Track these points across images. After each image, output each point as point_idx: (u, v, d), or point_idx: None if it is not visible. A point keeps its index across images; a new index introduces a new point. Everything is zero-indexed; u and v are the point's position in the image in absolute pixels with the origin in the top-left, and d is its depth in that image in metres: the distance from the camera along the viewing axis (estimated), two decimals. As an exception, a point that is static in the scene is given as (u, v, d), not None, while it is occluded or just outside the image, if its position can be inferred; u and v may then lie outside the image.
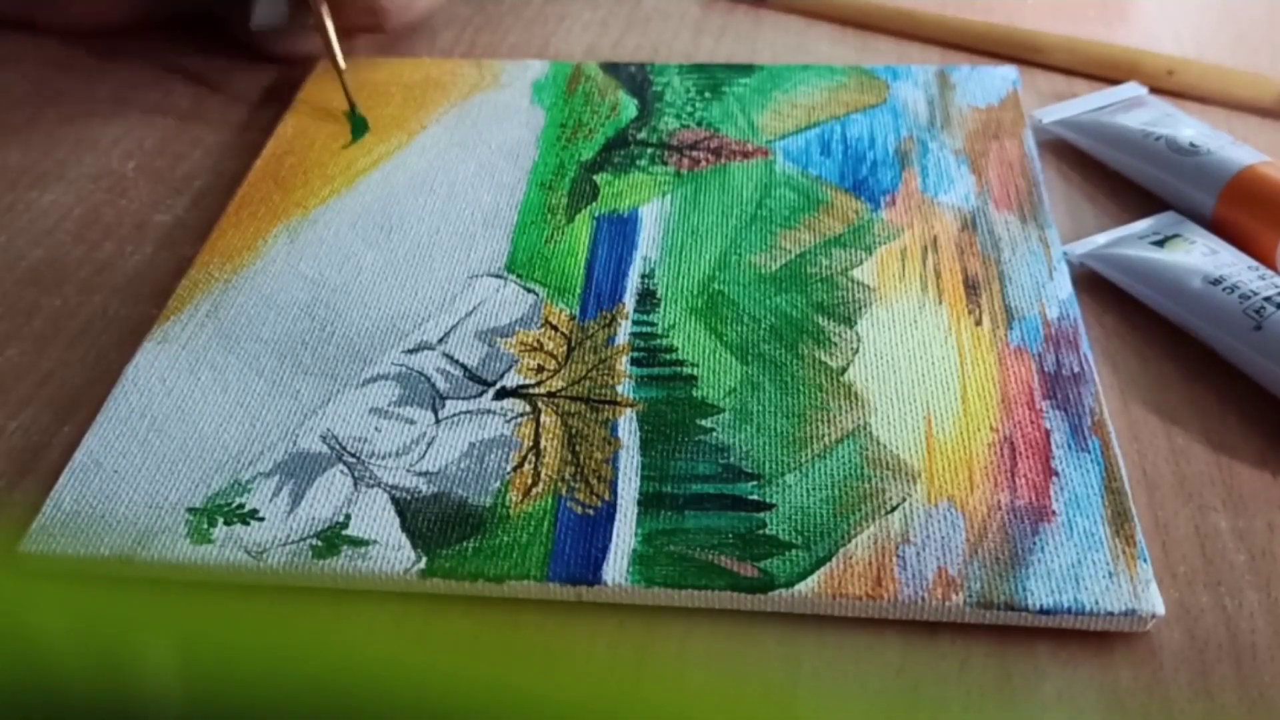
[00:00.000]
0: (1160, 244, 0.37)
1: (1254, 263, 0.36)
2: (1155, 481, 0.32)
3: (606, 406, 0.33)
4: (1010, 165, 0.42)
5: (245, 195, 0.42)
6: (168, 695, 0.19)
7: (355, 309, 0.37)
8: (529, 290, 0.37)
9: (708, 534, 0.30)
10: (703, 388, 0.34)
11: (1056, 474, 0.31)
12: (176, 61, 0.51)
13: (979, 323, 0.35)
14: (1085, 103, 0.45)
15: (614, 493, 0.31)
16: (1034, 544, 0.29)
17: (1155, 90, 0.46)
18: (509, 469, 0.31)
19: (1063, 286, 0.36)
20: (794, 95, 0.46)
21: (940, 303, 0.36)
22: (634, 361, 0.35)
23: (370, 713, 0.18)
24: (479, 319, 0.36)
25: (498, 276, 0.38)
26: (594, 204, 0.41)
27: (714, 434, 0.32)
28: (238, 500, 0.31)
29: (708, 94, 0.46)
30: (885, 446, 0.32)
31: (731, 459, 0.32)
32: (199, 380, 0.34)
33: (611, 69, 0.48)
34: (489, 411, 0.33)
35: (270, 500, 0.31)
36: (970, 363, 0.34)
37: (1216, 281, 0.35)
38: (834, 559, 0.29)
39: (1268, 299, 0.34)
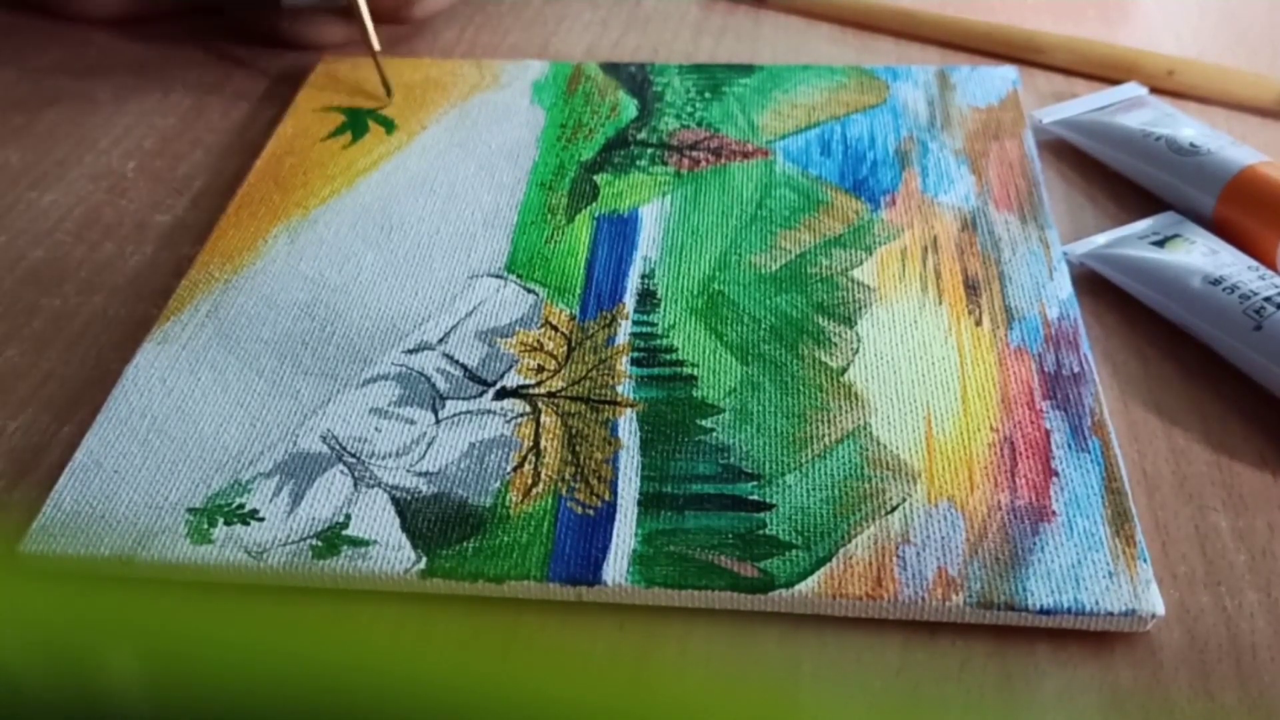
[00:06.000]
0: (1160, 244, 0.37)
1: (1254, 263, 0.36)
2: (1155, 481, 0.32)
3: (606, 406, 0.33)
4: (1010, 165, 0.42)
5: (245, 195, 0.42)
6: (167, 695, 0.19)
7: (355, 309, 0.37)
8: (529, 290, 0.37)
9: (708, 534, 0.30)
10: (703, 388, 0.34)
11: (1056, 474, 0.31)
12: (177, 61, 0.51)
13: (979, 323, 0.35)
14: (1085, 103, 0.45)
15: (614, 493, 0.31)
16: (1034, 544, 0.29)
17: (1155, 90, 0.46)
18: (509, 469, 0.32)
19: (1063, 286, 0.37)
20: (794, 95, 0.46)
21: (940, 303, 0.36)
22: (634, 361, 0.35)
23: (370, 713, 0.18)
24: (479, 319, 0.36)
25: (498, 276, 0.38)
26: (594, 204, 0.41)
27: (714, 434, 0.32)
28: (238, 500, 0.31)
29: (708, 94, 0.46)
30: (885, 446, 0.32)
31: (731, 459, 0.32)
32: (199, 380, 0.34)
33: (611, 69, 0.48)
34: (489, 411, 0.33)
35: (270, 500, 0.31)
36: (970, 363, 0.34)
37: (1216, 281, 0.35)
38: (834, 559, 0.29)
39: (1268, 299, 0.34)
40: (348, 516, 0.30)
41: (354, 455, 0.32)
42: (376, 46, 0.47)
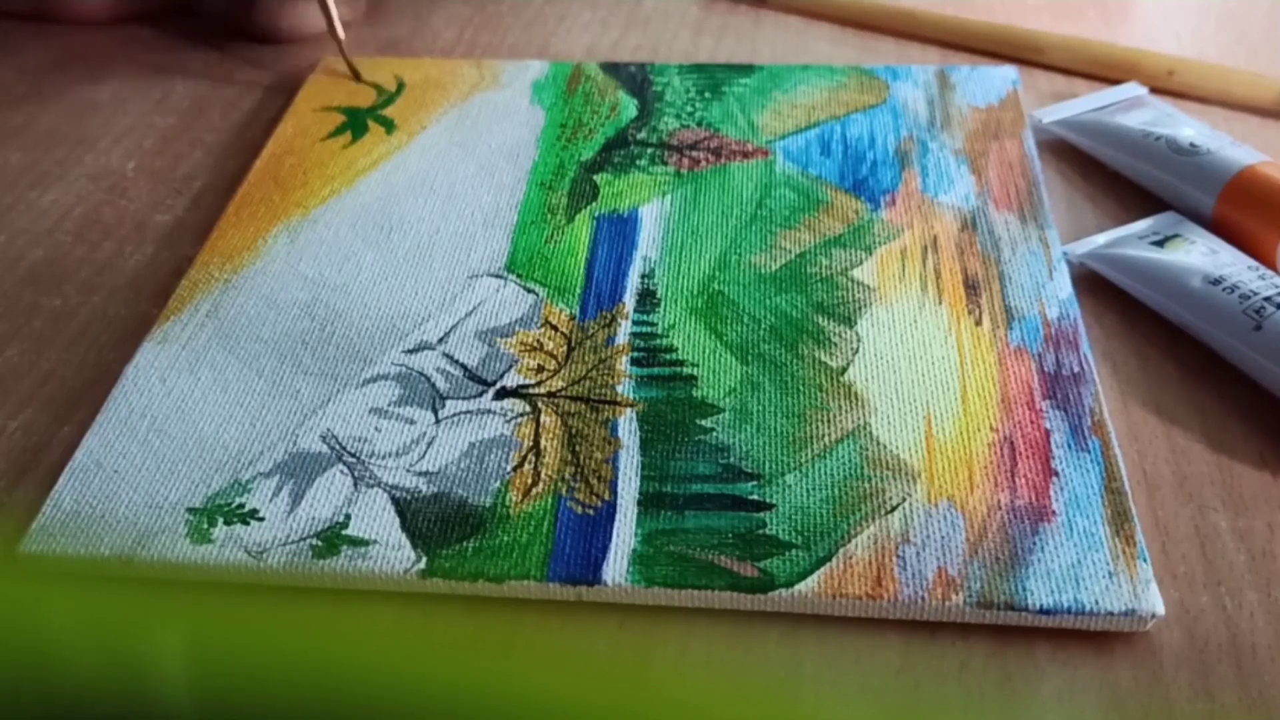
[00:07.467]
0: (1160, 244, 0.37)
1: (1254, 263, 0.36)
2: (1155, 481, 0.32)
3: (606, 406, 0.33)
4: (1010, 165, 0.42)
5: (245, 195, 0.42)
6: (167, 695, 0.19)
7: (355, 309, 0.37)
8: (529, 290, 0.37)
9: (708, 534, 0.30)
10: (703, 388, 0.34)
11: (1056, 474, 0.31)
12: (177, 60, 0.51)
13: (979, 323, 0.35)
14: (1085, 103, 0.45)
15: (614, 493, 0.31)
16: (1034, 544, 0.29)
17: (1155, 90, 0.46)
18: (509, 469, 0.32)
19: (1063, 286, 0.36)
20: (794, 95, 0.46)
21: (940, 303, 0.36)
22: (634, 361, 0.35)
23: (370, 713, 0.18)
24: (479, 319, 0.36)
25: (498, 276, 0.38)
26: (594, 204, 0.41)
27: (714, 434, 0.32)
28: (238, 500, 0.31)
29: (708, 94, 0.46)
30: (885, 446, 0.32)
31: (731, 459, 0.32)
32: (199, 380, 0.34)
33: (611, 69, 0.48)
34: (489, 411, 0.33)
35: (270, 500, 0.31)
36: (970, 363, 0.34)
37: (1216, 281, 0.35)
38: (834, 559, 0.29)
39: (1268, 299, 0.34)
40: (348, 516, 0.30)
41: (354, 455, 0.32)
42: (341, 35, 0.48)
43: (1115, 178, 0.42)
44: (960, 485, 0.31)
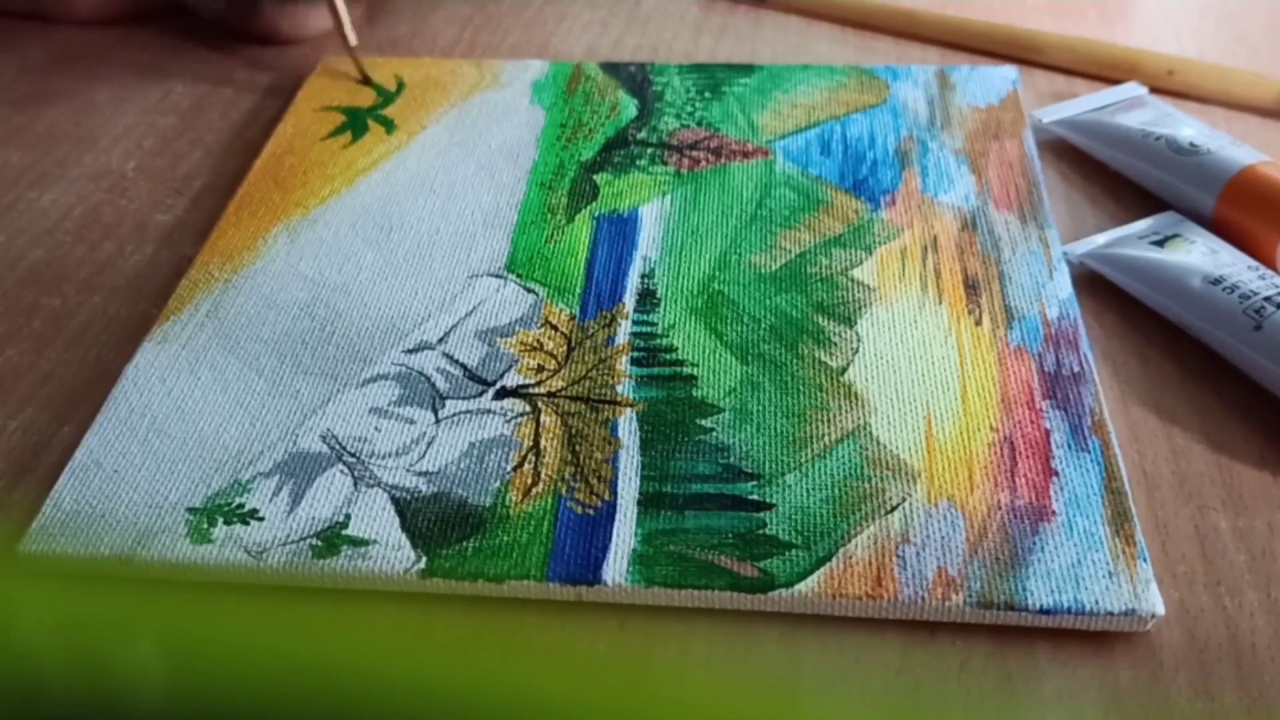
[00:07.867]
0: (1160, 244, 0.37)
1: (1254, 263, 0.36)
2: (1155, 481, 0.32)
3: (606, 406, 0.33)
4: (1010, 165, 0.42)
5: (245, 195, 0.42)
6: (167, 695, 0.19)
7: (355, 309, 0.37)
8: (529, 290, 0.37)
9: (708, 534, 0.30)
10: (703, 388, 0.34)
11: (1056, 474, 0.31)
12: (177, 61, 0.51)
13: (979, 323, 0.35)
14: (1085, 103, 0.45)
15: (614, 493, 0.31)
16: (1034, 544, 0.29)
17: (1155, 90, 0.46)
18: (509, 469, 0.32)
19: (1063, 286, 0.37)
20: (794, 95, 0.46)
21: (940, 303, 0.36)
22: (634, 361, 0.35)
23: (370, 713, 0.18)
24: (479, 319, 0.36)
25: (498, 276, 0.38)
26: (594, 204, 0.41)
27: (714, 434, 0.32)
28: (238, 500, 0.31)
29: (708, 94, 0.46)
30: (885, 446, 0.32)
31: (731, 459, 0.32)
32: (199, 380, 0.34)
33: (611, 69, 0.48)
34: (489, 411, 0.33)
35: (270, 500, 0.31)
36: (970, 363, 0.34)
37: (1216, 281, 0.35)
38: (834, 559, 0.29)
39: (1268, 299, 0.34)
40: (348, 516, 0.30)
41: (354, 455, 0.32)
42: (353, 41, 0.47)
43: (1115, 178, 0.42)
44: (960, 485, 0.31)
